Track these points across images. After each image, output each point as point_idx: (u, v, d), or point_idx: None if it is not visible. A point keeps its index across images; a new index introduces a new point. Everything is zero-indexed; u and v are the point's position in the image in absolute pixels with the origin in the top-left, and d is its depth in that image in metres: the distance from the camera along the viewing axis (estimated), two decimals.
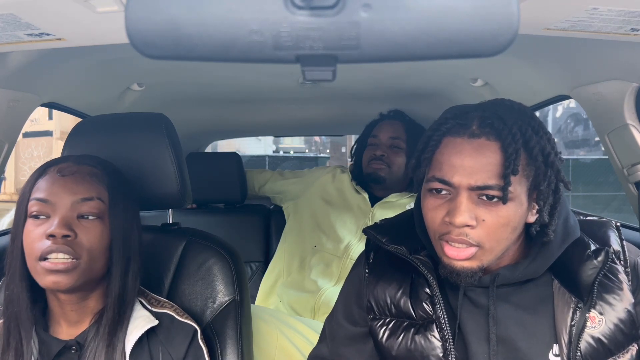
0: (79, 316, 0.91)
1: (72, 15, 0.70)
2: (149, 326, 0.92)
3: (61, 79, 1.29)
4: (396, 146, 1.83)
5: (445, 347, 0.86)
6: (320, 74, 0.42)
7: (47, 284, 0.84)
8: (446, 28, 0.39)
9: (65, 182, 0.87)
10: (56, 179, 0.87)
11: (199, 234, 1.17)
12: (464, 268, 0.80)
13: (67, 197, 0.87)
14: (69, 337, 0.91)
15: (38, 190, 0.87)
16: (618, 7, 0.67)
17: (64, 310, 0.90)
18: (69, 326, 0.91)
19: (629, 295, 0.84)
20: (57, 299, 0.90)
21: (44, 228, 0.85)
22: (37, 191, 0.87)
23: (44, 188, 0.87)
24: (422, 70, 1.62)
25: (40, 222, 0.86)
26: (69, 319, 0.91)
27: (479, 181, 0.77)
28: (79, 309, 0.91)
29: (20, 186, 11.56)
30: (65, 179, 0.88)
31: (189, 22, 0.39)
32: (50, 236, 0.83)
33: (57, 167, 0.89)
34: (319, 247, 1.88)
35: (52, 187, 0.87)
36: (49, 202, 0.86)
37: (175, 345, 0.93)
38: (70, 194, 0.87)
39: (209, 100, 2.00)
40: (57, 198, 0.86)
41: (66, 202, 0.86)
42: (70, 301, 0.90)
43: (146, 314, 0.94)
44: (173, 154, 1.09)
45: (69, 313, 0.91)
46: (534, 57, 1.23)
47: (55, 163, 0.91)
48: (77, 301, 0.90)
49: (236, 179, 2.16)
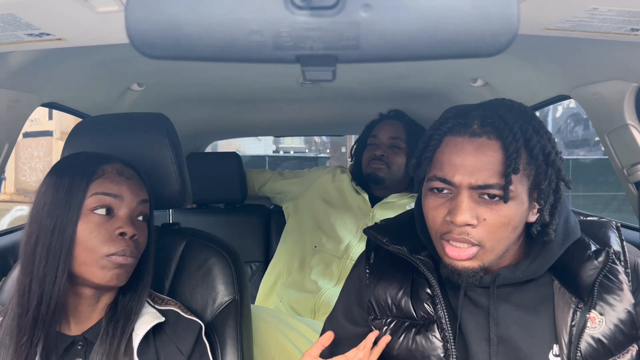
0: (90, 312, 0.92)
1: (72, 15, 0.70)
2: (156, 322, 0.93)
3: (61, 79, 1.29)
4: (396, 146, 1.82)
5: (446, 347, 0.86)
6: (320, 74, 0.42)
7: (108, 277, 0.87)
8: (446, 28, 0.39)
9: (129, 184, 0.92)
10: (120, 179, 0.91)
11: (199, 234, 1.17)
12: (465, 268, 0.80)
13: (132, 197, 0.91)
14: (75, 332, 0.91)
15: (102, 186, 0.89)
16: (618, 7, 0.67)
17: (78, 306, 0.91)
18: (76, 322, 0.92)
19: (629, 296, 0.84)
20: (78, 294, 0.90)
21: (111, 225, 0.87)
22: (101, 187, 0.88)
23: (109, 185, 0.89)
24: (422, 70, 1.62)
25: (106, 219, 0.88)
26: (78, 315, 0.92)
27: (479, 180, 0.77)
28: (94, 304, 0.92)
29: (20, 186, 11.57)
30: (128, 181, 0.92)
31: (189, 22, 0.38)
32: (120, 234, 0.87)
33: (113, 167, 0.91)
34: (319, 247, 1.88)
35: (119, 186, 0.90)
36: (118, 198, 0.89)
37: (183, 340, 0.95)
38: (135, 195, 0.91)
39: (209, 100, 2.00)
40: (125, 196, 0.90)
41: (132, 202, 0.91)
42: (93, 296, 0.91)
43: (153, 311, 0.96)
44: (173, 154, 1.09)
45: (83, 309, 0.91)
46: (534, 57, 1.23)
47: (106, 162, 0.92)
48: (98, 296, 0.92)
49: (236, 179, 2.16)
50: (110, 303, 0.94)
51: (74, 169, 0.90)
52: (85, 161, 0.92)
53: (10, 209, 8.59)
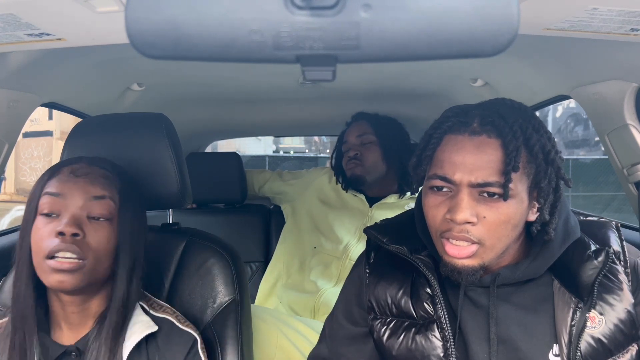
0: (80, 319, 0.91)
1: (72, 15, 0.70)
2: (148, 332, 0.91)
3: (61, 79, 1.29)
4: (365, 142, 1.85)
5: (446, 347, 0.86)
6: (320, 74, 0.42)
7: (52, 282, 0.84)
8: (446, 28, 0.39)
9: (78, 181, 0.88)
10: (69, 177, 0.88)
11: (199, 234, 1.17)
12: (465, 266, 0.80)
13: (79, 195, 0.87)
14: (69, 341, 0.90)
15: (50, 186, 0.88)
16: (618, 7, 0.67)
17: (65, 312, 0.90)
18: (70, 330, 0.91)
19: (629, 296, 0.84)
20: (59, 301, 0.89)
21: (54, 226, 0.84)
22: (49, 187, 0.88)
23: (56, 185, 0.87)
24: (422, 70, 1.62)
25: (50, 220, 0.86)
26: (71, 322, 0.91)
27: (479, 178, 0.77)
28: (81, 311, 0.90)
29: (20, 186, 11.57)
30: (77, 179, 0.88)
31: (189, 22, 0.38)
32: (59, 234, 0.83)
33: (70, 167, 0.90)
34: (318, 248, 1.88)
35: (64, 184, 0.87)
36: (60, 196, 0.86)
37: (173, 353, 0.92)
38: (83, 193, 0.87)
39: (209, 100, 2.00)
40: (69, 195, 0.87)
41: (78, 200, 0.87)
42: (72, 303, 0.89)
43: (146, 319, 0.93)
44: (173, 154, 1.09)
45: (70, 315, 0.90)
46: (534, 57, 1.23)
47: (68, 163, 0.91)
48: (80, 303, 0.90)
49: (236, 179, 2.16)
50: (103, 311, 0.91)
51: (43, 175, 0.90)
52: (54, 166, 0.92)
53: (10, 209, 8.59)
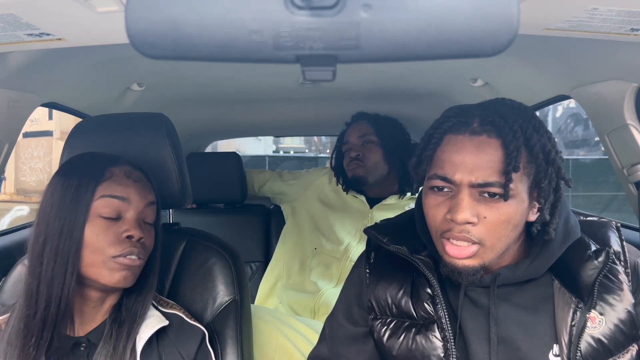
0: (95, 313, 0.92)
1: (72, 15, 0.70)
2: (160, 325, 0.93)
3: (61, 79, 1.29)
4: (367, 142, 1.84)
5: (446, 347, 0.86)
6: (320, 74, 0.42)
7: (116, 279, 0.87)
8: (446, 28, 0.39)
9: (136, 186, 0.91)
10: (128, 182, 0.91)
11: (199, 234, 1.17)
12: (466, 266, 0.80)
13: (139, 200, 0.91)
14: (79, 334, 0.91)
15: (110, 189, 0.88)
16: (618, 7, 0.67)
17: (83, 307, 0.91)
18: (81, 323, 0.92)
19: (629, 296, 0.84)
20: (84, 296, 0.90)
21: (118, 228, 0.88)
22: (108, 190, 0.88)
23: (119, 189, 0.89)
24: (422, 70, 1.62)
25: (112, 223, 0.88)
26: (84, 317, 0.91)
27: (480, 178, 0.77)
28: (99, 306, 0.92)
29: (20, 186, 11.57)
30: (136, 184, 0.91)
31: (189, 22, 0.38)
32: (127, 237, 0.88)
33: (122, 169, 0.91)
34: (319, 249, 1.88)
35: (127, 189, 0.90)
36: (126, 201, 0.89)
37: (186, 345, 0.94)
38: (142, 198, 0.91)
39: (209, 100, 2.00)
40: (133, 199, 0.90)
41: (139, 205, 0.91)
42: (98, 298, 0.91)
43: (157, 313, 0.95)
44: (173, 154, 1.09)
45: (88, 310, 0.91)
46: (534, 57, 1.23)
47: (113, 164, 0.92)
48: (103, 298, 0.92)
49: (236, 179, 2.16)
50: (115, 304, 0.93)
51: (82, 171, 0.90)
52: (93, 162, 0.92)
53: (10, 209, 8.60)
